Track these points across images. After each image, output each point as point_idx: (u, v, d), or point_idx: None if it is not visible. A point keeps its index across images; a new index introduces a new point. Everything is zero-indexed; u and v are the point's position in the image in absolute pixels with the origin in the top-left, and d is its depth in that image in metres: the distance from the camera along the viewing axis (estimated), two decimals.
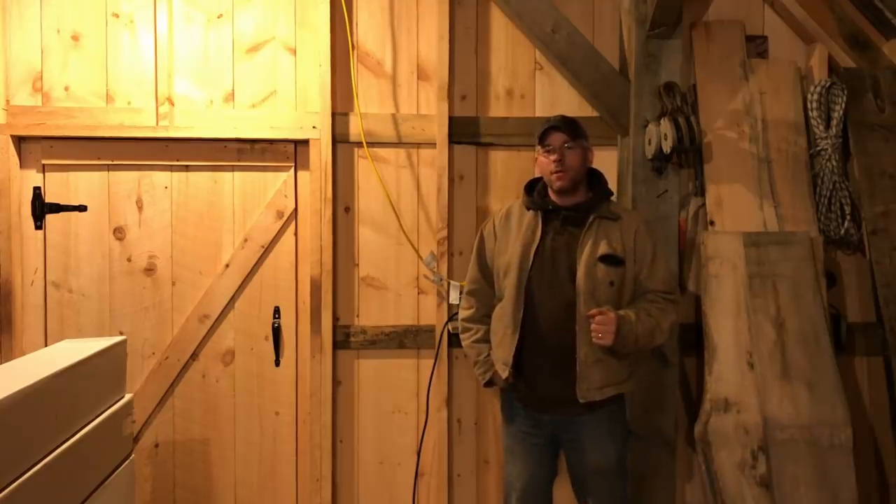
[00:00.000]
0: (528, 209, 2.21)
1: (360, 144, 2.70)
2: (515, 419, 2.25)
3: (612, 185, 2.69)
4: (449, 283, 2.70)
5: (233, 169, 2.70)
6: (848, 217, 2.67)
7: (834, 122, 2.68)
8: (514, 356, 2.10)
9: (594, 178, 2.22)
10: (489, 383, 2.25)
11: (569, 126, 2.13)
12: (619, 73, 2.72)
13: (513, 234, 2.21)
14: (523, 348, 2.11)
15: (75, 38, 2.60)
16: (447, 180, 2.70)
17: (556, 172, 2.11)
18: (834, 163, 2.66)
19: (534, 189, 2.25)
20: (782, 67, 2.76)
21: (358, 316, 2.74)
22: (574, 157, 2.12)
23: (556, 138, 2.12)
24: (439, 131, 2.69)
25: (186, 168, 2.68)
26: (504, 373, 2.13)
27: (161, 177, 2.67)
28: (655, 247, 2.16)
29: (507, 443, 2.30)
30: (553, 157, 2.11)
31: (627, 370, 2.14)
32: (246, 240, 2.69)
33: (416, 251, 2.73)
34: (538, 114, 2.75)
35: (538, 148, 2.17)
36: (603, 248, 2.08)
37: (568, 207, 2.15)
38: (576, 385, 2.05)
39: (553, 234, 2.14)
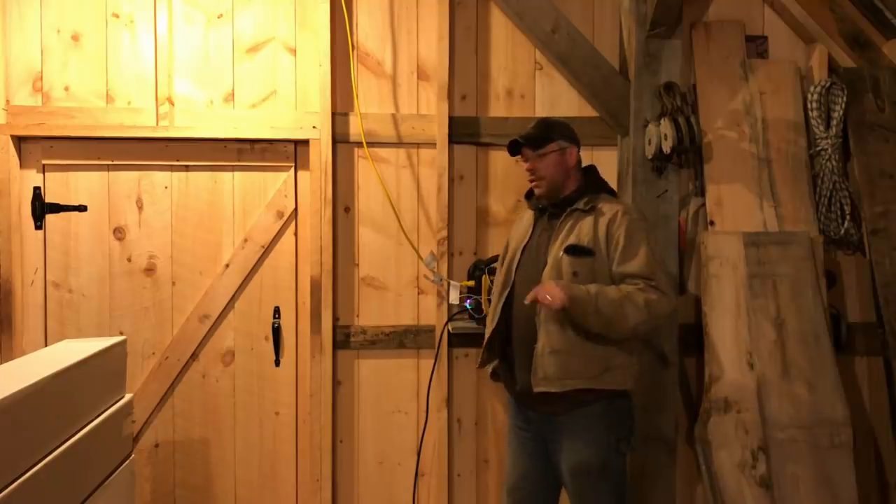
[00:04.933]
0: (530, 210, 2.29)
1: (360, 144, 2.70)
2: (511, 414, 2.30)
3: (612, 185, 2.70)
4: (449, 284, 2.70)
5: (233, 169, 2.70)
6: (848, 217, 2.67)
7: (834, 122, 2.68)
8: (485, 347, 2.25)
9: (588, 174, 2.23)
10: (493, 375, 2.32)
11: (530, 140, 2.14)
12: (618, 73, 2.72)
13: (515, 235, 2.30)
14: (508, 343, 2.17)
15: (75, 38, 2.60)
16: (447, 180, 2.70)
17: (532, 181, 2.18)
18: (834, 163, 2.66)
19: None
20: (782, 67, 2.76)
21: (358, 316, 2.74)
22: (547, 165, 2.13)
23: (524, 153, 2.18)
24: (439, 131, 2.69)
25: (186, 168, 2.68)
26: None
27: (161, 177, 2.67)
28: (631, 233, 2.04)
29: (507, 436, 2.34)
30: (526, 167, 2.18)
31: (600, 364, 2.03)
32: (246, 240, 2.69)
33: (416, 251, 2.73)
34: (538, 114, 2.75)
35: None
36: (571, 240, 2.07)
37: (553, 204, 2.18)
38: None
39: (540, 231, 2.19)
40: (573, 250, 2.05)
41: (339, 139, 2.69)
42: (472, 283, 2.67)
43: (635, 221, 2.08)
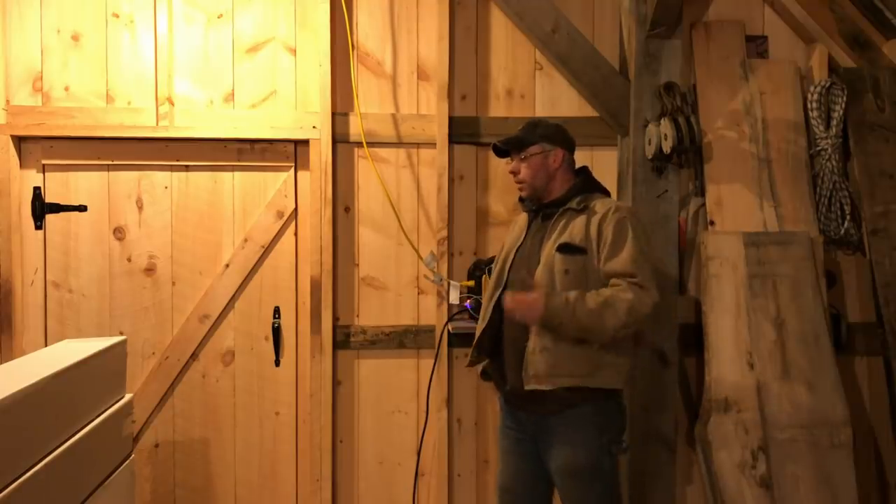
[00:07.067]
0: (524, 212, 2.28)
1: (360, 144, 2.70)
2: (502, 415, 2.29)
3: (612, 185, 2.70)
4: (449, 283, 2.70)
5: (233, 169, 2.70)
6: (848, 217, 2.67)
7: (834, 122, 2.68)
8: (475, 346, 2.21)
9: (581, 175, 2.22)
10: (483, 374, 2.32)
11: (511, 143, 2.16)
12: (618, 73, 2.72)
13: (510, 237, 2.30)
14: (499, 343, 2.15)
15: (75, 38, 2.60)
16: (447, 180, 2.70)
17: (518, 185, 2.19)
18: (834, 163, 2.66)
19: None
20: (782, 67, 2.76)
21: (358, 316, 2.74)
22: (529, 169, 2.14)
23: (508, 158, 2.19)
24: (439, 131, 2.69)
25: (186, 168, 2.68)
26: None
27: (161, 177, 2.67)
28: (620, 231, 2.03)
29: (498, 438, 2.34)
30: (509, 170, 2.19)
31: (590, 363, 2.02)
32: (246, 240, 2.69)
33: (416, 251, 2.73)
34: (538, 114, 2.75)
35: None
36: (563, 239, 2.07)
37: (545, 205, 2.17)
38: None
39: (534, 231, 2.19)
40: (565, 248, 2.05)
41: (339, 139, 2.69)
42: (472, 283, 2.68)
43: (624, 219, 2.05)
